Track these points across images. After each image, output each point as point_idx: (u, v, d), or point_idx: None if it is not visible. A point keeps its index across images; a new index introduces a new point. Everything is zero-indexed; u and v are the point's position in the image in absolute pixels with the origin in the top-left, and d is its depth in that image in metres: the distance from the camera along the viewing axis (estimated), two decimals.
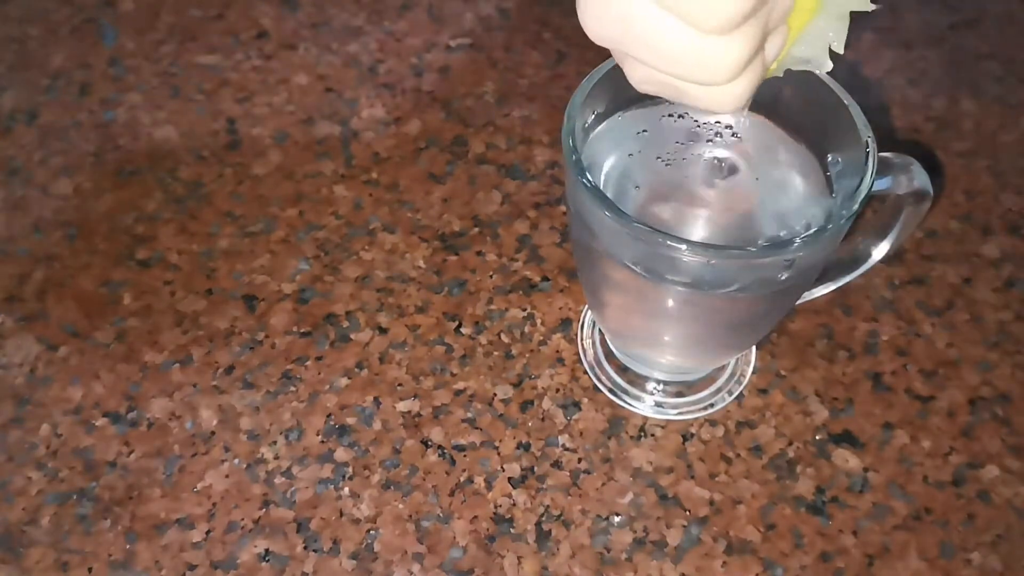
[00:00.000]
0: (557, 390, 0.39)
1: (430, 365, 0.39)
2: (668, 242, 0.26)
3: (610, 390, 0.38)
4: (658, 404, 0.38)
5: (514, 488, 0.36)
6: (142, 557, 0.34)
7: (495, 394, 0.38)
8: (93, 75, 0.51)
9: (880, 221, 0.33)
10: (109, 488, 0.36)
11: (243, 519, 0.35)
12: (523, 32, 0.53)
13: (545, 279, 0.42)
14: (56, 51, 0.53)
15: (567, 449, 0.37)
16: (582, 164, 0.28)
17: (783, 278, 0.29)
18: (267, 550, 0.34)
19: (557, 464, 0.37)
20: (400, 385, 0.39)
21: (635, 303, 0.33)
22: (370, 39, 0.53)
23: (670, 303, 0.31)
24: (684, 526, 0.35)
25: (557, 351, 0.40)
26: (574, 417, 0.38)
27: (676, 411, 0.38)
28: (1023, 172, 0.47)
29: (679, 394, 0.39)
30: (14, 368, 0.40)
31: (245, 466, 0.36)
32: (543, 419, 0.38)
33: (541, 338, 0.40)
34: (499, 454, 0.37)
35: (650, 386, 0.39)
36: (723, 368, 0.39)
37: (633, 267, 0.29)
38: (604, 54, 0.27)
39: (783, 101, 0.32)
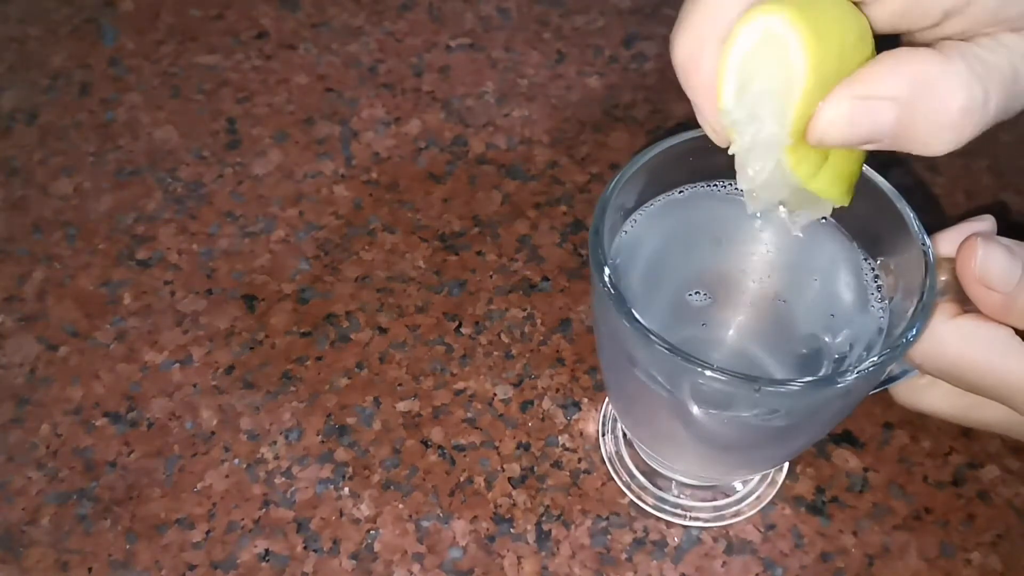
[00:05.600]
0: (557, 390, 0.39)
1: (430, 365, 0.39)
2: (706, 371, 0.24)
3: (626, 484, 0.36)
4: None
5: (514, 488, 0.36)
6: (142, 557, 0.34)
7: (495, 394, 0.38)
8: (93, 75, 0.51)
9: None
10: (109, 488, 0.36)
11: (243, 519, 0.35)
12: (523, 32, 0.53)
13: (545, 279, 0.42)
14: (56, 51, 0.53)
15: (567, 449, 0.37)
16: (612, 279, 0.26)
17: (831, 406, 0.27)
18: (267, 550, 0.34)
19: (557, 464, 0.37)
20: (400, 385, 0.39)
21: (662, 419, 0.30)
22: (370, 39, 0.53)
23: (699, 421, 0.28)
24: (684, 526, 0.35)
25: (557, 351, 0.40)
26: (574, 417, 0.38)
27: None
28: (1023, 172, 0.47)
29: None
30: (14, 368, 0.40)
31: (245, 466, 0.36)
32: (543, 419, 0.38)
33: (541, 338, 0.40)
34: (499, 454, 0.37)
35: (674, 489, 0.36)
36: None
37: (665, 387, 0.27)
38: (603, 55, 0.27)
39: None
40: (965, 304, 0.27)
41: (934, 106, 0.22)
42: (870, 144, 0.23)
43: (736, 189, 0.31)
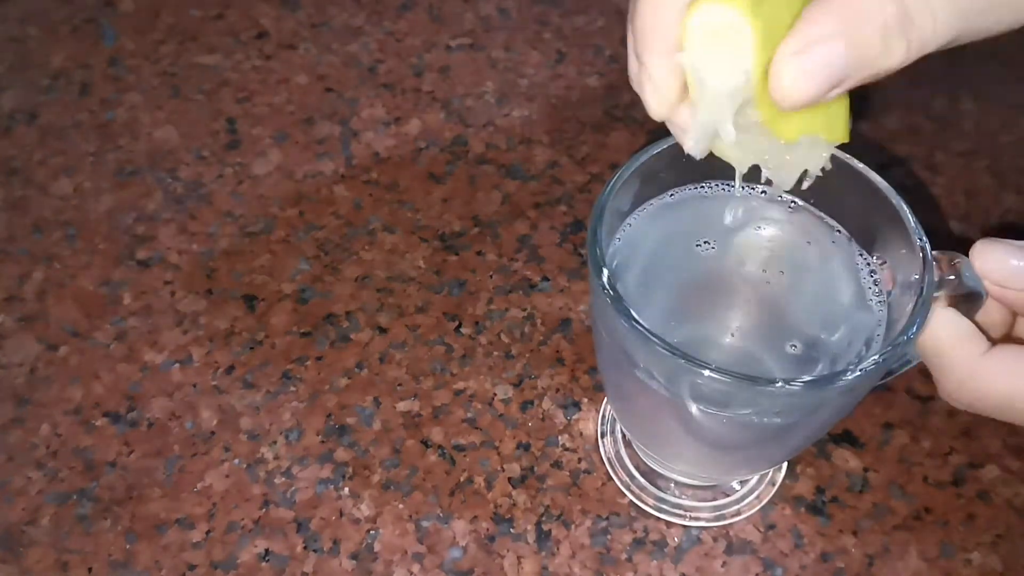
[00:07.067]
0: (557, 390, 0.39)
1: (430, 365, 0.39)
2: (703, 371, 0.24)
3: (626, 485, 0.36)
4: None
5: (514, 488, 0.36)
6: (142, 557, 0.34)
7: (495, 394, 0.38)
8: (93, 75, 0.51)
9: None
10: (109, 488, 0.36)
11: (243, 519, 0.35)
12: (523, 32, 0.53)
13: (545, 279, 0.42)
14: (56, 51, 0.53)
15: (567, 449, 0.37)
16: (611, 281, 0.26)
17: (832, 405, 0.27)
18: (267, 550, 0.34)
19: (557, 464, 0.37)
20: (400, 385, 0.39)
21: (661, 419, 0.31)
22: (370, 39, 0.53)
23: (699, 421, 0.28)
24: (684, 526, 0.35)
25: (557, 351, 0.40)
26: (574, 417, 0.38)
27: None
28: (1023, 172, 0.47)
29: None
30: (14, 368, 0.40)
31: (245, 466, 0.36)
32: (543, 419, 0.38)
33: (541, 338, 0.40)
34: (499, 454, 0.37)
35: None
36: None
37: (665, 387, 0.27)
38: (603, 55, 0.27)
39: (829, 195, 0.30)
40: (960, 304, 0.27)
41: (872, 23, 0.21)
42: (839, 87, 0.22)
43: (730, 188, 0.31)
